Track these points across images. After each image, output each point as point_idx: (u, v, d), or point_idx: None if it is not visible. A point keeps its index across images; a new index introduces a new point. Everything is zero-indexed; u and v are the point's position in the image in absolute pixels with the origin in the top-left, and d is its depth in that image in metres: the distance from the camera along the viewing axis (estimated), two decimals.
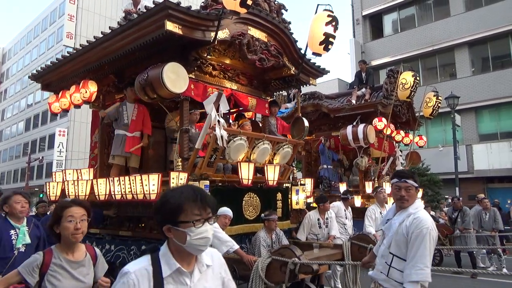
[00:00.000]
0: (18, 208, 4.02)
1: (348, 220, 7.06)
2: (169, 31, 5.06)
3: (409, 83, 9.63)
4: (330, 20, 6.13)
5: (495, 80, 21.55)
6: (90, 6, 31.49)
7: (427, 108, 10.87)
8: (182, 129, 5.75)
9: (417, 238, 3.09)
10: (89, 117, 30.81)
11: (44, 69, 7.20)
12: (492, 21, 21.59)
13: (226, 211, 5.12)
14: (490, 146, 21.88)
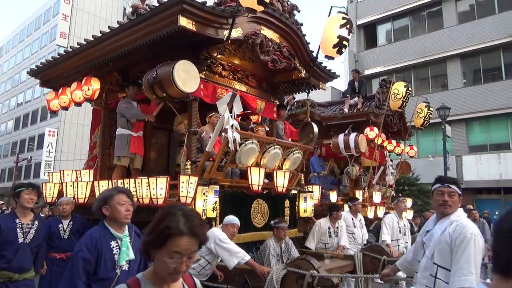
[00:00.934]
0: (122, 212, 2.92)
1: (357, 229, 6.74)
2: (182, 27, 4.74)
3: (401, 93, 9.54)
4: (345, 22, 5.87)
5: (486, 92, 21.54)
6: (85, 7, 30.96)
7: (419, 118, 10.80)
8: (190, 131, 5.42)
9: (461, 244, 2.83)
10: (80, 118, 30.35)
11: (44, 64, 6.80)
12: (484, 34, 21.62)
13: (233, 220, 4.76)
14: (479, 158, 21.82)
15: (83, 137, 30.80)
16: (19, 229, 4.19)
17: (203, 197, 4.81)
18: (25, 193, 4.21)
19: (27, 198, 4.22)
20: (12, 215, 4.32)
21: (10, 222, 4.19)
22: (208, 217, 4.88)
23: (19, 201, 4.23)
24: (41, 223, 4.46)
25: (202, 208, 4.81)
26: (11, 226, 4.14)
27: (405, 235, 6.26)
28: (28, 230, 4.27)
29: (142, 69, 6.12)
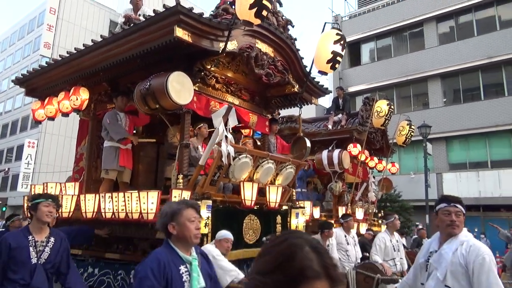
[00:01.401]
0: (192, 230, 2.43)
1: (351, 246, 6.59)
2: (178, 37, 4.61)
3: (383, 111, 9.67)
4: (339, 38, 5.83)
5: (465, 111, 21.89)
6: (70, 18, 30.55)
7: (400, 136, 10.94)
8: (182, 143, 5.24)
9: (483, 267, 2.73)
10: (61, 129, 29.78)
11: (30, 73, 6.56)
12: (464, 56, 22.05)
13: (226, 234, 4.58)
14: (459, 175, 22.06)
15: (64, 149, 30.20)
16: (31, 248, 3.56)
17: None
18: (43, 205, 3.60)
19: (46, 211, 3.61)
20: (24, 232, 3.68)
21: (22, 239, 3.57)
22: (201, 233, 4.69)
23: (36, 214, 3.62)
24: (59, 240, 3.77)
25: None
26: (23, 244, 3.54)
27: (399, 251, 6.16)
28: (42, 248, 3.62)
29: (133, 80, 5.94)
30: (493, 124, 20.92)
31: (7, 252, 3.44)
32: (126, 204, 4.72)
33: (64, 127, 29.93)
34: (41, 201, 3.62)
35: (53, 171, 29.39)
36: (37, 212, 3.60)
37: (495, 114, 20.84)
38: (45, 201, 3.62)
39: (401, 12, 24.66)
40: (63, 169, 29.57)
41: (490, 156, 21.59)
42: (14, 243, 3.50)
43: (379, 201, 14.48)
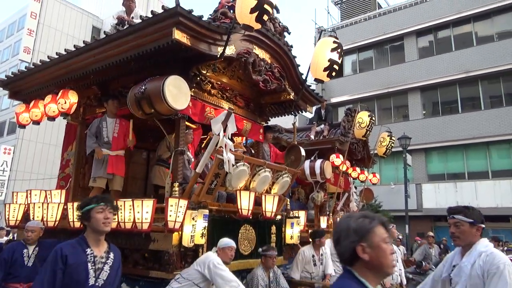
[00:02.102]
0: (389, 257, 1.82)
1: None
2: (177, 40, 4.39)
3: (365, 122, 9.67)
4: (336, 46, 5.71)
5: (444, 124, 22.17)
6: (52, 23, 29.81)
7: (381, 147, 10.93)
8: (177, 150, 5.00)
9: (494, 275, 2.61)
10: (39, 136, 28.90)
11: (16, 75, 6.21)
12: (442, 69, 22.39)
13: (230, 242, 4.37)
14: (438, 186, 22.26)
15: (42, 156, 29.34)
16: (90, 264, 2.79)
17: (192, 222, 4.38)
18: (97, 211, 2.88)
19: (101, 219, 2.88)
20: (81, 243, 2.88)
21: (79, 253, 2.79)
22: (196, 243, 4.45)
23: (90, 224, 2.89)
24: (118, 257, 3.06)
25: (191, 234, 4.38)
26: (81, 260, 2.77)
27: (398, 262, 5.99)
28: (101, 266, 2.85)
29: (124, 84, 5.70)
30: (470, 136, 21.22)
31: (63, 269, 2.69)
32: (118, 213, 4.43)
33: (42, 134, 29.12)
34: (93, 207, 2.90)
35: (29, 178, 28.48)
36: (90, 221, 2.88)
37: (472, 127, 21.16)
38: (98, 206, 2.91)
39: (382, 26, 24.94)
40: (40, 177, 28.74)
41: (467, 168, 21.84)
42: (72, 257, 2.73)
43: (360, 211, 14.46)
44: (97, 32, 29.89)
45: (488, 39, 22.09)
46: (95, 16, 33.05)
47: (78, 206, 2.98)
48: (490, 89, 22.03)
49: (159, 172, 6.02)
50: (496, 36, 21.97)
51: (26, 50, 28.47)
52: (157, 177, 5.98)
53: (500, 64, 20.87)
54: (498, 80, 21.64)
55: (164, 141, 6.10)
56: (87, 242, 2.86)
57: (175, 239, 4.35)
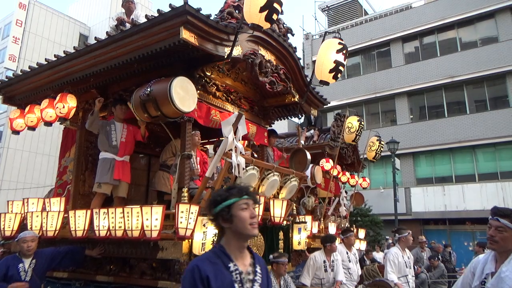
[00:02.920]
0: None
1: (352, 264, 6.18)
2: (185, 40, 4.16)
3: (354, 127, 9.63)
4: (341, 47, 5.55)
5: (431, 128, 22.26)
6: (38, 30, 29.20)
7: (371, 151, 10.89)
8: (183, 154, 4.76)
9: None
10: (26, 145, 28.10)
11: (10, 79, 5.89)
12: (428, 74, 22.52)
13: None
14: (426, 190, 22.28)
15: (28, 165, 28.61)
16: (237, 286, 1.98)
17: (203, 229, 4.13)
18: (240, 207, 2.07)
19: (248, 218, 2.07)
20: (220, 255, 2.06)
21: (222, 272, 1.99)
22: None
23: (232, 226, 2.07)
24: (265, 270, 2.20)
25: (201, 241, 4.13)
26: (226, 280, 1.97)
27: (410, 268, 5.80)
28: (250, 286, 2.03)
29: (125, 87, 5.45)
30: (456, 140, 21.32)
31: None
32: (124, 221, 4.17)
33: (29, 142, 28.43)
34: (234, 201, 2.08)
35: (15, 188, 27.74)
36: (233, 221, 2.06)
37: (458, 131, 21.27)
38: (241, 201, 2.08)
39: (369, 32, 25.04)
40: (26, 186, 28.02)
41: (455, 171, 21.92)
42: (215, 279, 1.95)
43: (350, 216, 14.37)
44: (84, 40, 29.36)
45: (472, 44, 22.31)
46: (82, 24, 32.51)
47: (211, 203, 2.14)
48: (474, 93, 22.19)
49: (162, 178, 5.78)
50: (479, 41, 22.21)
51: (12, 58, 27.81)
52: (161, 183, 5.73)
53: (484, 69, 21.07)
54: (482, 84, 21.84)
55: (169, 146, 5.87)
56: (228, 253, 2.07)
57: (185, 247, 4.11)
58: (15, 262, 4.29)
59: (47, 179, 28.96)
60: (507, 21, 21.43)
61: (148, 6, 33.68)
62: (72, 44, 26.95)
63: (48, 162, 29.20)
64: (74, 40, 29.84)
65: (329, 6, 29.11)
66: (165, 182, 5.74)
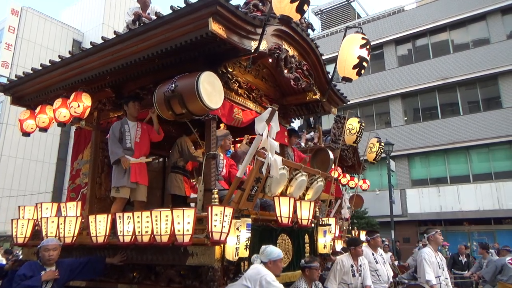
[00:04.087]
0: None
1: (380, 265, 5.86)
2: (213, 32, 3.86)
3: (355, 128, 9.38)
4: (365, 42, 5.30)
5: (425, 129, 22.18)
6: (31, 36, 28.57)
7: (371, 153, 10.65)
8: (208, 154, 4.44)
9: None
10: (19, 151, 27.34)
11: (19, 78, 5.51)
12: (421, 76, 22.48)
13: (280, 253, 3.86)
14: (421, 191, 22.17)
15: (22, 172, 27.91)
16: None
17: (236, 233, 3.82)
18: None
19: None
20: None
21: None
22: (241, 257, 3.88)
23: None
24: None
25: (235, 246, 3.81)
26: None
27: (444, 270, 5.50)
28: None
29: (142, 85, 5.13)
30: (450, 141, 21.26)
31: None
32: (152, 225, 3.84)
33: (22, 149, 27.74)
34: None
35: (9, 195, 27.01)
36: None
37: (452, 132, 21.23)
38: None
39: None
40: (20, 193, 27.33)
41: (449, 172, 21.85)
42: None
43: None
44: (77, 45, 28.84)
45: (464, 46, 22.34)
46: (76, 29, 31.95)
47: None
48: (467, 95, 22.18)
49: (175, 180, 5.45)
50: (471, 43, 22.23)
51: (4, 65, 27.17)
52: (174, 185, 5.40)
53: (476, 70, 21.06)
54: (475, 86, 21.85)
55: (175, 146, 5.53)
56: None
57: (218, 253, 3.79)
58: (39, 269, 3.93)
59: (41, 186, 28.33)
60: (498, 23, 21.50)
61: None
62: (65, 50, 26.40)
63: (42, 168, 28.58)
64: (68, 46, 29.27)
65: (322, 10, 29.03)
66: (178, 184, 5.42)
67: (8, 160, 27.52)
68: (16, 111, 27.06)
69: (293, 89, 5.46)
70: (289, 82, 5.25)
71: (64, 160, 30.03)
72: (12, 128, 27.05)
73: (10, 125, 27.05)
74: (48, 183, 28.97)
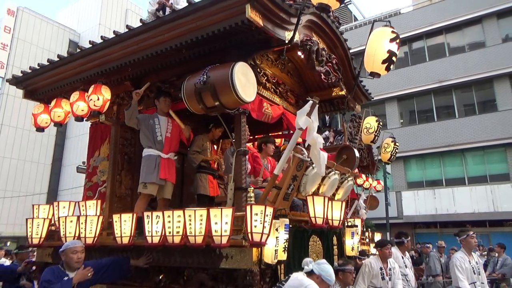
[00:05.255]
0: None
1: (408, 269, 5.55)
2: (250, 19, 3.55)
3: (373, 127, 9.14)
4: (395, 36, 5.02)
5: (420, 132, 22.08)
6: (27, 37, 27.92)
7: (385, 153, 10.40)
8: (239, 150, 4.13)
9: None
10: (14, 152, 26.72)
11: (33, 70, 5.13)
12: (417, 79, 22.39)
13: (333, 279, 3.55)
14: (417, 193, 22.04)
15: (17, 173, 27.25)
16: None
17: (275, 234, 3.51)
18: None
19: None
20: None
21: None
22: (280, 260, 3.58)
23: None
24: None
25: (274, 248, 3.50)
26: None
27: (480, 274, 5.18)
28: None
29: (164, 78, 4.81)
30: (446, 144, 21.15)
31: None
32: (185, 225, 3.51)
33: (17, 149, 27.09)
34: None
35: (4, 196, 26.37)
36: None
37: (447, 135, 21.12)
38: None
39: (358, 38, 24.71)
40: (15, 194, 26.69)
41: (445, 175, 21.74)
42: None
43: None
44: (73, 46, 28.33)
45: (460, 50, 22.29)
46: (72, 30, 31.38)
47: None
48: (463, 98, 22.12)
49: (200, 179, 5.14)
50: (467, 47, 22.19)
51: (0, 65, 26.59)
52: (198, 185, 5.09)
53: (471, 73, 21.00)
54: (471, 89, 21.78)
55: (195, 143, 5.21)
56: None
57: (255, 255, 3.48)
58: (60, 275, 3.56)
59: (36, 187, 27.72)
60: (493, 26, 21.48)
61: (138, 12, 32.83)
62: (61, 50, 25.89)
63: (37, 169, 27.96)
64: (64, 47, 28.74)
65: None
66: (203, 184, 5.11)
67: (2, 161, 26.86)
68: (11, 111, 26.61)
69: (317, 85, 5.18)
70: (314, 77, 4.99)
71: (60, 161, 29.46)
72: (7, 129, 26.45)
73: (5, 126, 26.46)
74: (43, 184, 28.37)
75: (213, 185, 5.15)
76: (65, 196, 26.41)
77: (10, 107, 26.63)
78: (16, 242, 24.41)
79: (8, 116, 26.51)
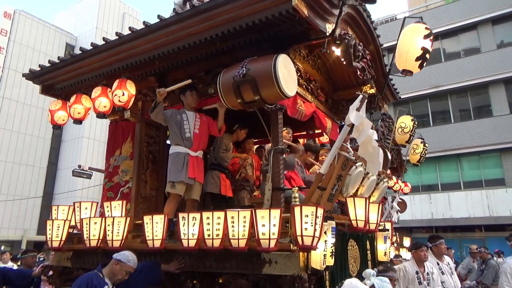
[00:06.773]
0: None
1: (446, 276, 5.17)
2: (296, 8, 3.27)
3: (408, 127, 8.79)
4: (428, 33, 4.78)
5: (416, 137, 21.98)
6: (23, 40, 27.29)
7: (415, 154, 10.06)
8: (277, 149, 3.83)
9: None
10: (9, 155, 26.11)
11: (52, 64, 4.76)
12: (414, 84, 22.28)
13: None
14: (413, 198, 21.87)
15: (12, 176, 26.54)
16: None
17: (324, 237, 3.21)
18: None
19: None
20: None
21: None
22: (328, 265, 3.28)
23: None
24: None
25: (323, 252, 3.21)
26: None
27: None
28: None
29: (191, 73, 4.50)
30: (441, 149, 21.07)
31: None
32: (227, 227, 3.20)
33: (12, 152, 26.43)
34: None
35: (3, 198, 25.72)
36: None
37: (443, 140, 21.06)
38: None
39: None
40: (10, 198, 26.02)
41: (440, 179, 21.68)
42: None
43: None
44: (70, 49, 27.81)
45: (455, 55, 22.31)
46: (69, 33, 30.81)
47: None
48: (458, 103, 22.11)
49: (212, 177, 4.91)
50: (462, 52, 22.21)
51: None
52: (210, 183, 4.84)
53: (467, 79, 21.02)
54: (466, 94, 21.79)
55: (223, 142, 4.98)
56: None
57: (302, 260, 3.18)
58: (100, 282, 3.26)
59: (31, 190, 27.07)
60: (488, 32, 21.53)
61: (136, 16, 32.45)
62: (58, 53, 25.38)
63: (32, 173, 27.30)
64: (61, 50, 28.21)
65: None
66: (214, 181, 4.90)
67: None
68: (7, 114, 25.97)
69: (346, 83, 4.93)
70: (343, 74, 4.73)
71: (55, 165, 28.82)
72: (2, 132, 25.82)
73: (1, 129, 25.82)
74: (38, 188, 27.71)
75: (226, 184, 4.89)
76: (60, 200, 25.84)
77: (6, 110, 26.04)
78: (10, 246, 23.76)
79: (3, 119, 25.88)
